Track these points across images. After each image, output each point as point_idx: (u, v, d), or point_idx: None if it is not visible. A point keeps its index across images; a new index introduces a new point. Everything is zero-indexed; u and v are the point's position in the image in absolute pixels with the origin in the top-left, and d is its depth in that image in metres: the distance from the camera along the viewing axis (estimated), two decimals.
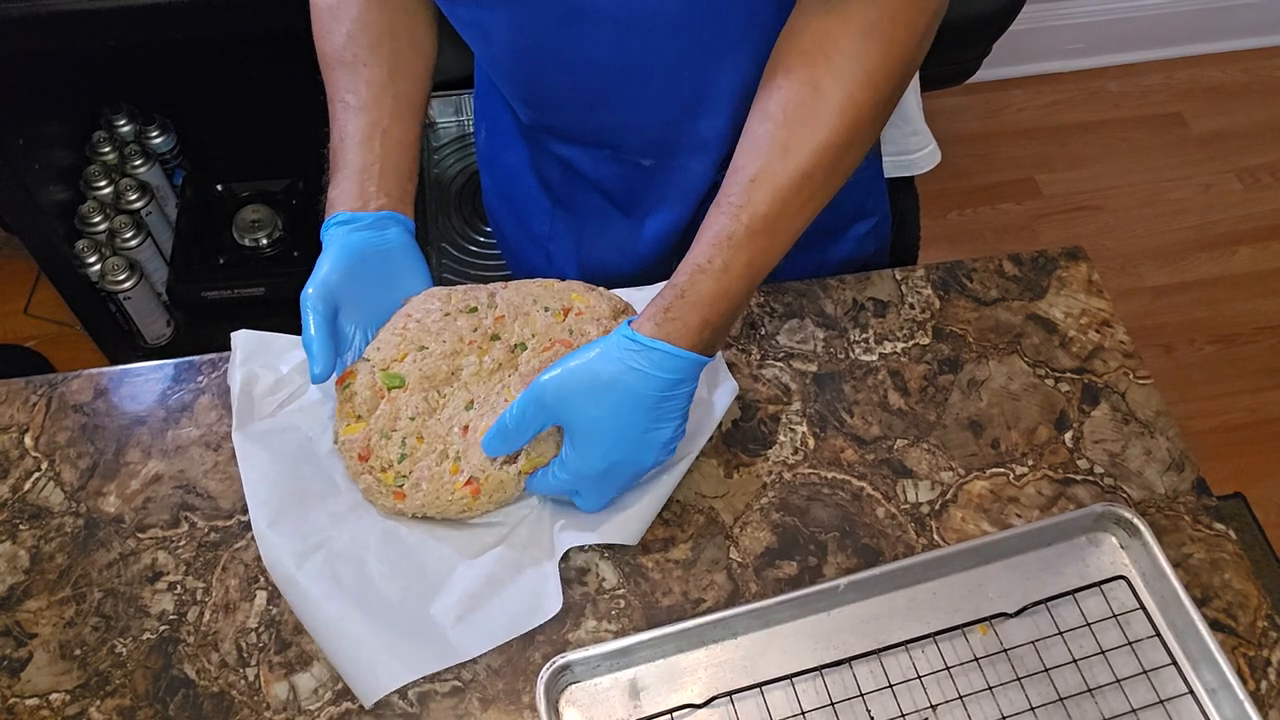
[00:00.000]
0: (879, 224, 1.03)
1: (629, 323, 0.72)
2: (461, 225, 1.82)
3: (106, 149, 1.75)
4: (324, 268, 0.78)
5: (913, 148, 1.10)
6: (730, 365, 0.87)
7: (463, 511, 0.77)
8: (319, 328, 0.75)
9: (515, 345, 0.80)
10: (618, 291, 0.86)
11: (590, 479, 0.74)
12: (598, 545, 0.78)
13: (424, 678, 0.73)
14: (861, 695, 0.72)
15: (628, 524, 0.78)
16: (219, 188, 1.78)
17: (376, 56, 0.83)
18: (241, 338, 0.85)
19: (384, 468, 0.76)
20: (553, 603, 0.75)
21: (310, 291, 0.77)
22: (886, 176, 1.05)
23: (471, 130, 1.92)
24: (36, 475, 0.83)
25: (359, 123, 0.81)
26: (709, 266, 0.71)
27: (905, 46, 0.71)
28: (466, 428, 0.77)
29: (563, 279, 0.85)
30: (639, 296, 0.87)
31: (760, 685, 0.72)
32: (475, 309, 0.81)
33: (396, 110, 0.83)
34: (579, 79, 0.83)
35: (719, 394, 0.84)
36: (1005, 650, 0.74)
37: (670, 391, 0.71)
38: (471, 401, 0.78)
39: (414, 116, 0.85)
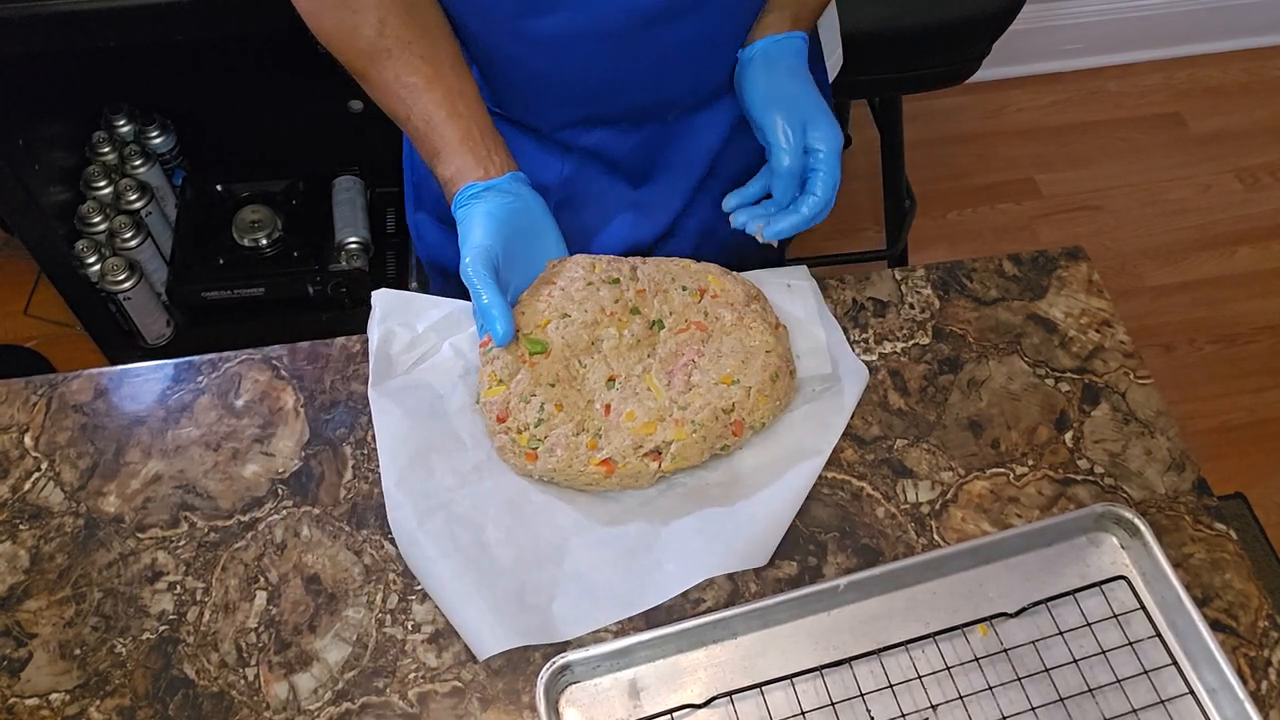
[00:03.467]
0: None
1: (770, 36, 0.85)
2: None
3: (106, 149, 1.75)
4: (475, 235, 0.78)
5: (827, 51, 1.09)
6: None
7: (589, 485, 0.78)
8: (492, 292, 0.76)
9: (653, 322, 0.83)
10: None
11: (832, 136, 0.82)
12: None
13: (425, 678, 0.73)
14: (862, 695, 0.72)
15: (762, 543, 0.78)
16: (219, 188, 1.78)
17: (418, 33, 0.82)
18: (380, 296, 0.87)
19: (520, 429, 0.78)
20: (657, 593, 0.76)
21: (469, 260, 0.77)
22: None
23: None
24: (36, 475, 0.83)
25: (434, 97, 0.81)
26: None
27: None
28: (609, 407, 0.79)
29: (697, 259, 0.88)
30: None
31: (760, 685, 0.72)
32: (618, 280, 0.83)
33: (458, 72, 0.83)
34: (643, 67, 0.85)
35: (847, 379, 0.86)
36: (1005, 650, 0.74)
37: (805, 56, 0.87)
38: (613, 379, 0.80)
39: (469, 74, 0.85)
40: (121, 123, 1.76)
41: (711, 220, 0.97)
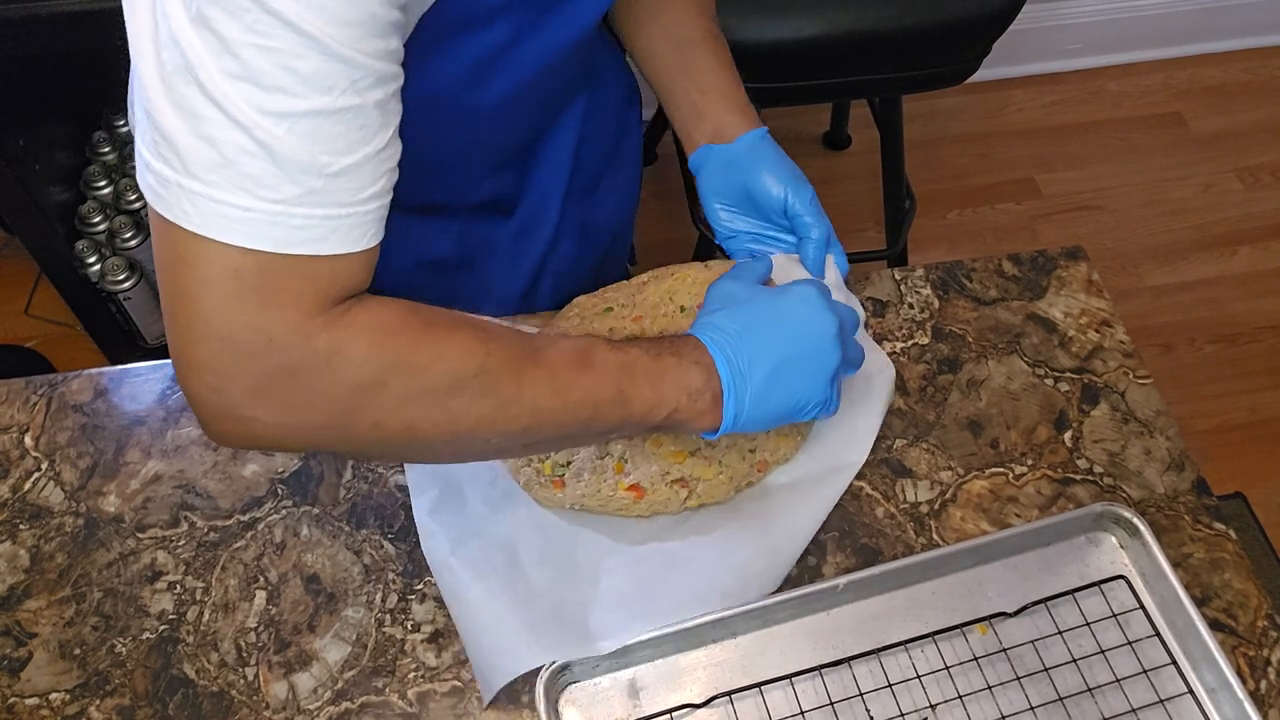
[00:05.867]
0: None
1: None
2: None
3: (106, 149, 1.75)
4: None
5: None
6: None
7: (619, 510, 0.78)
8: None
9: None
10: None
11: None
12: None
13: (425, 677, 0.74)
14: (861, 695, 0.72)
15: (774, 575, 0.77)
16: None
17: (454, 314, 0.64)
18: None
19: (542, 458, 0.78)
20: (699, 605, 0.74)
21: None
22: None
23: None
24: (36, 475, 0.83)
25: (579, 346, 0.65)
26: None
27: None
28: None
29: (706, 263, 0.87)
30: None
31: (759, 685, 0.72)
32: (611, 309, 0.83)
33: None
34: (551, 84, 0.84)
35: (873, 377, 0.84)
36: (1005, 650, 0.74)
37: None
38: None
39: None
40: (121, 123, 1.76)
41: (583, 211, 0.98)
